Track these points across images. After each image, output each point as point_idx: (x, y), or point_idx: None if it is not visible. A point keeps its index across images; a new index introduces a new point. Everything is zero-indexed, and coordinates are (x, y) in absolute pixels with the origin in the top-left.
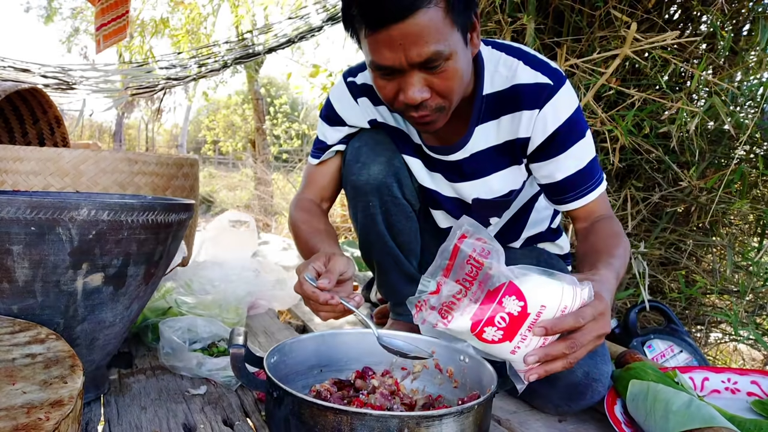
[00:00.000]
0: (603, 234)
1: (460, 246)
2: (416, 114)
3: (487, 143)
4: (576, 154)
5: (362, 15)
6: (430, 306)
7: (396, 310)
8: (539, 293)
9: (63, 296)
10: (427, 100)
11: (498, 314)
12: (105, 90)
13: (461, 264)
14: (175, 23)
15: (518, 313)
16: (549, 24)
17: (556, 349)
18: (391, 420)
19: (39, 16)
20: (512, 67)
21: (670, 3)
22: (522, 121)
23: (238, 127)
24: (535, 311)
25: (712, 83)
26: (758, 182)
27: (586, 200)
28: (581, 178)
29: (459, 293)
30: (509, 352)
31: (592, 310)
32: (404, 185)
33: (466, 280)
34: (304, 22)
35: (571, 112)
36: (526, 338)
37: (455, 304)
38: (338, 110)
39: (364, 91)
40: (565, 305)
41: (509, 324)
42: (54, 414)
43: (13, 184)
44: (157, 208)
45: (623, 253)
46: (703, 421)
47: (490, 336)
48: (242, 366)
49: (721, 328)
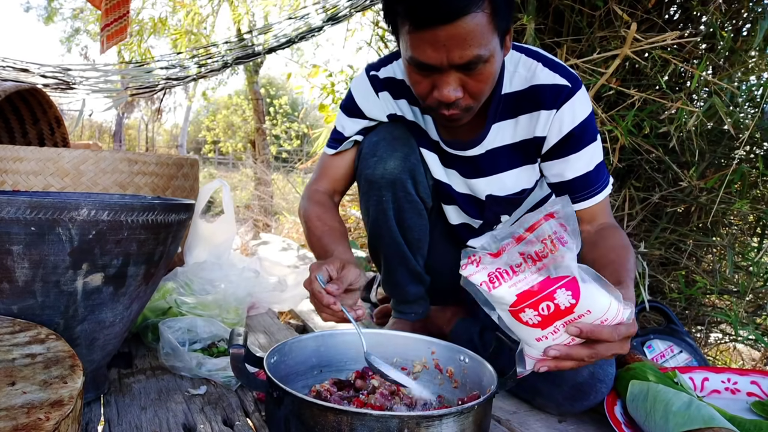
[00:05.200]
0: (615, 244)
1: (544, 223)
2: (447, 112)
3: (503, 141)
4: (587, 156)
5: (409, 11)
6: (483, 264)
7: (398, 308)
8: (592, 299)
9: (63, 296)
10: (460, 99)
11: (546, 302)
12: (105, 90)
13: (535, 240)
14: (174, 23)
15: (565, 308)
16: (549, 24)
17: (577, 352)
18: (391, 420)
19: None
20: (531, 68)
21: (670, 3)
22: (540, 120)
23: (238, 127)
24: (579, 313)
25: (712, 83)
26: (758, 182)
27: (593, 202)
28: (589, 179)
29: (518, 266)
30: (535, 338)
31: (625, 330)
32: (419, 182)
33: (531, 257)
34: (304, 22)
35: (586, 114)
36: (557, 332)
37: (509, 274)
38: (359, 102)
39: (386, 85)
40: (606, 318)
41: (550, 314)
42: (54, 414)
43: (13, 184)
44: (157, 208)
45: (633, 267)
46: (703, 422)
47: (527, 318)
48: (242, 366)
49: (721, 328)
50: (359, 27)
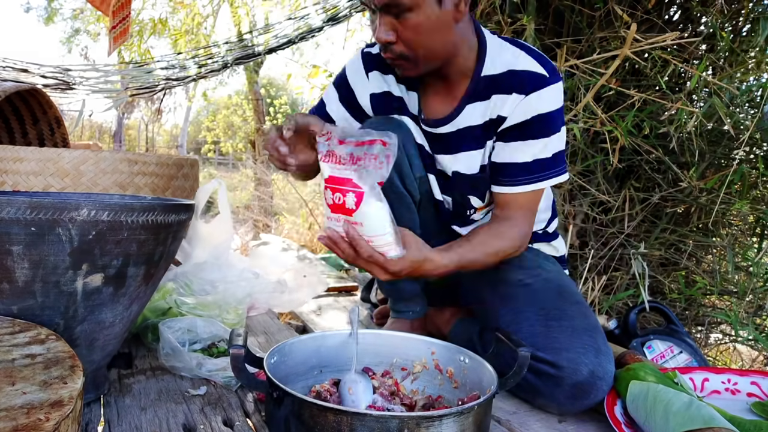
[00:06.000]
0: (495, 232)
1: (378, 144)
2: (384, 55)
3: (474, 121)
4: (534, 148)
5: None
6: (329, 142)
7: (395, 308)
8: (369, 217)
9: (63, 297)
10: (394, 44)
11: (338, 194)
12: (105, 90)
13: (365, 153)
14: (175, 23)
15: (348, 208)
16: (549, 25)
17: (342, 245)
18: (391, 420)
19: (39, 16)
20: (514, 54)
21: (670, 3)
22: (508, 101)
23: (238, 127)
24: (356, 220)
25: (712, 84)
26: (758, 183)
27: (512, 190)
28: (524, 170)
29: (343, 158)
30: (327, 215)
31: (382, 261)
32: (405, 175)
33: (353, 159)
34: (304, 22)
35: (551, 108)
36: (339, 222)
37: (335, 158)
38: (349, 76)
39: (378, 61)
40: (372, 239)
41: (338, 205)
42: (54, 414)
43: (13, 184)
44: (156, 208)
45: (479, 256)
46: (703, 422)
47: (327, 196)
48: (242, 366)
49: (721, 328)
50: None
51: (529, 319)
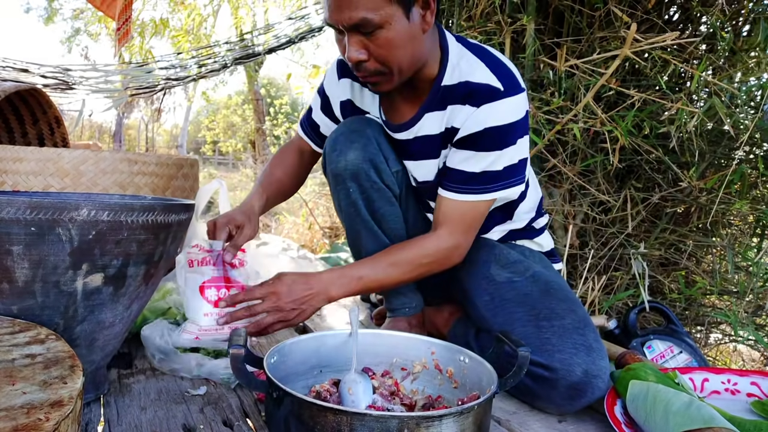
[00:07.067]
0: (419, 246)
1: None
2: (358, 74)
3: (431, 130)
4: (485, 161)
5: None
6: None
7: (391, 306)
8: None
9: (63, 297)
10: (366, 62)
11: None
12: (105, 90)
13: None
14: (175, 23)
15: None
16: (549, 24)
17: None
18: (391, 420)
19: (39, 16)
20: (472, 65)
21: (670, 3)
22: (461, 113)
23: (238, 127)
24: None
25: (712, 84)
26: (758, 183)
27: (456, 197)
28: (471, 179)
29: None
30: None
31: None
32: (381, 170)
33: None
34: (305, 22)
35: (505, 122)
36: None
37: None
38: (326, 84)
39: (348, 69)
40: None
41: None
42: (54, 414)
43: (13, 184)
44: (156, 208)
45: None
46: (703, 422)
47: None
48: (242, 366)
49: (721, 328)
50: None
51: (521, 320)
